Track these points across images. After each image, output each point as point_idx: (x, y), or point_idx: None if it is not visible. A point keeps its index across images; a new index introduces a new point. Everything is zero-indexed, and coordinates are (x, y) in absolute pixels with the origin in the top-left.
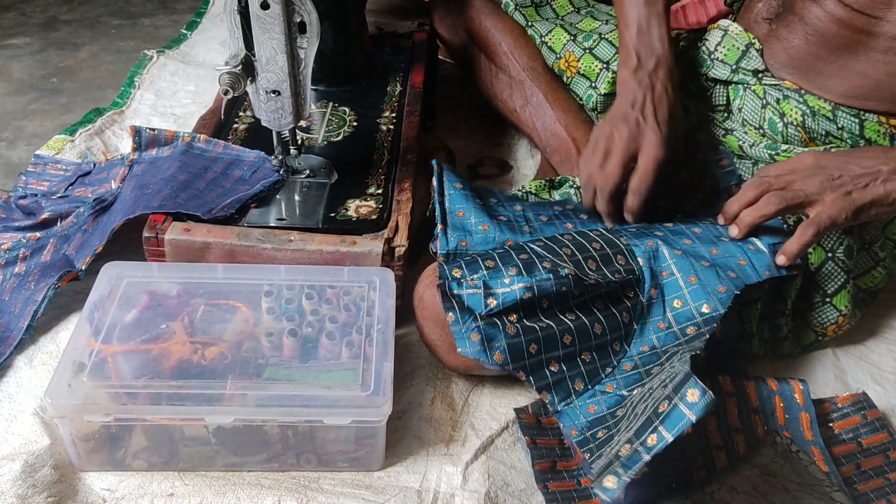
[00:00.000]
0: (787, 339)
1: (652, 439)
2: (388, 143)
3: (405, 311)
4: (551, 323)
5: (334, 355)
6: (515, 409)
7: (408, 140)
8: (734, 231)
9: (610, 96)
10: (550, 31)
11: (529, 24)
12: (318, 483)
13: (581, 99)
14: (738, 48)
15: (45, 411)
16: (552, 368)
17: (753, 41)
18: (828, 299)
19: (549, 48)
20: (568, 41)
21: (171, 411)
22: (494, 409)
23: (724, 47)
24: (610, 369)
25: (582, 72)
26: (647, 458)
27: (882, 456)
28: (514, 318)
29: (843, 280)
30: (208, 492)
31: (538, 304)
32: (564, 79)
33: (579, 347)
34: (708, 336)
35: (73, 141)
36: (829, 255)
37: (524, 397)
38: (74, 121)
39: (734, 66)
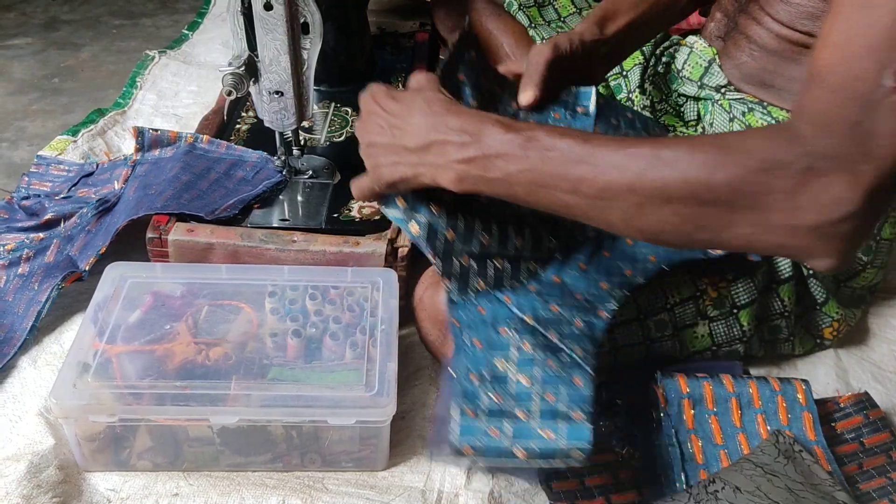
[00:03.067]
0: (789, 342)
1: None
2: None
3: (408, 312)
4: (477, 220)
5: (338, 356)
6: None
7: None
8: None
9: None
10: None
11: (533, 25)
12: (323, 483)
13: None
14: (701, 65)
15: (49, 412)
16: (462, 261)
17: (714, 57)
18: (818, 307)
19: None
20: None
21: (175, 412)
22: None
23: (689, 65)
24: (517, 284)
25: None
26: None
27: (884, 455)
28: (446, 200)
29: (826, 293)
30: (213, 492)
31: (476, 196)
32: None
33: (495, 251)
34: (606, 320)
35: (75, 141)
36: (811, 271)
37: None
38: (76, 121)
39: (699, 83)
